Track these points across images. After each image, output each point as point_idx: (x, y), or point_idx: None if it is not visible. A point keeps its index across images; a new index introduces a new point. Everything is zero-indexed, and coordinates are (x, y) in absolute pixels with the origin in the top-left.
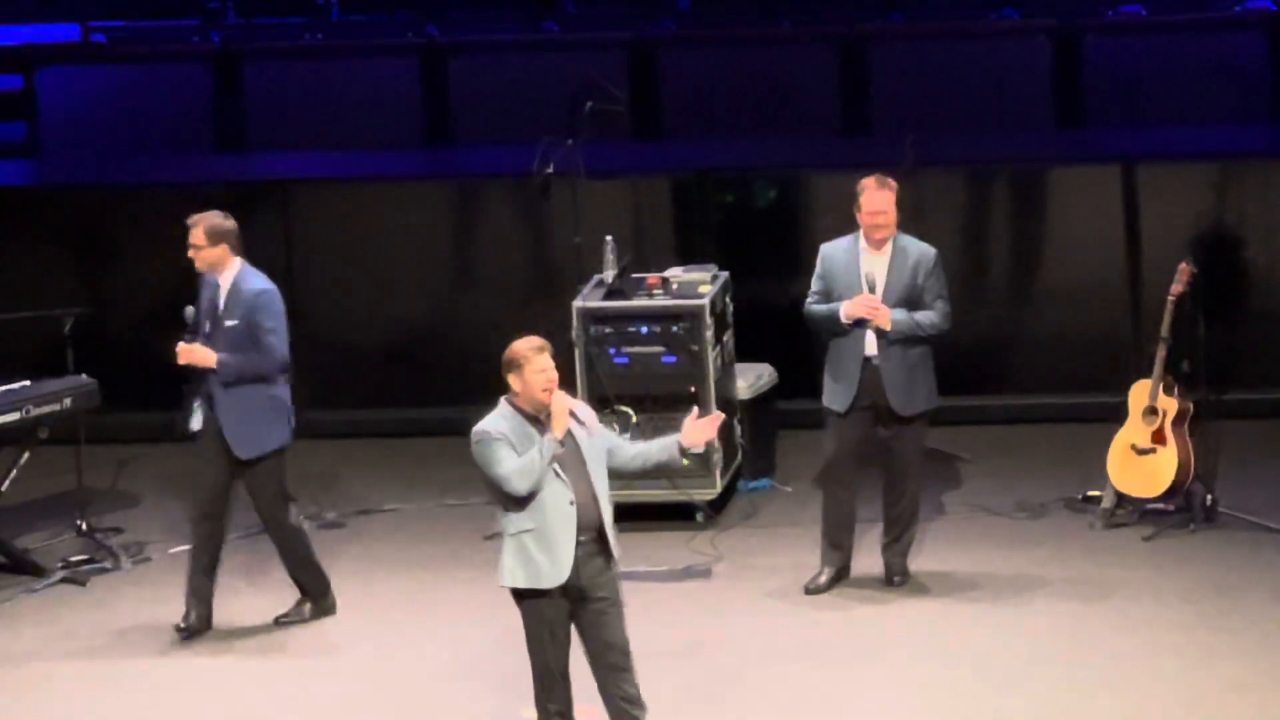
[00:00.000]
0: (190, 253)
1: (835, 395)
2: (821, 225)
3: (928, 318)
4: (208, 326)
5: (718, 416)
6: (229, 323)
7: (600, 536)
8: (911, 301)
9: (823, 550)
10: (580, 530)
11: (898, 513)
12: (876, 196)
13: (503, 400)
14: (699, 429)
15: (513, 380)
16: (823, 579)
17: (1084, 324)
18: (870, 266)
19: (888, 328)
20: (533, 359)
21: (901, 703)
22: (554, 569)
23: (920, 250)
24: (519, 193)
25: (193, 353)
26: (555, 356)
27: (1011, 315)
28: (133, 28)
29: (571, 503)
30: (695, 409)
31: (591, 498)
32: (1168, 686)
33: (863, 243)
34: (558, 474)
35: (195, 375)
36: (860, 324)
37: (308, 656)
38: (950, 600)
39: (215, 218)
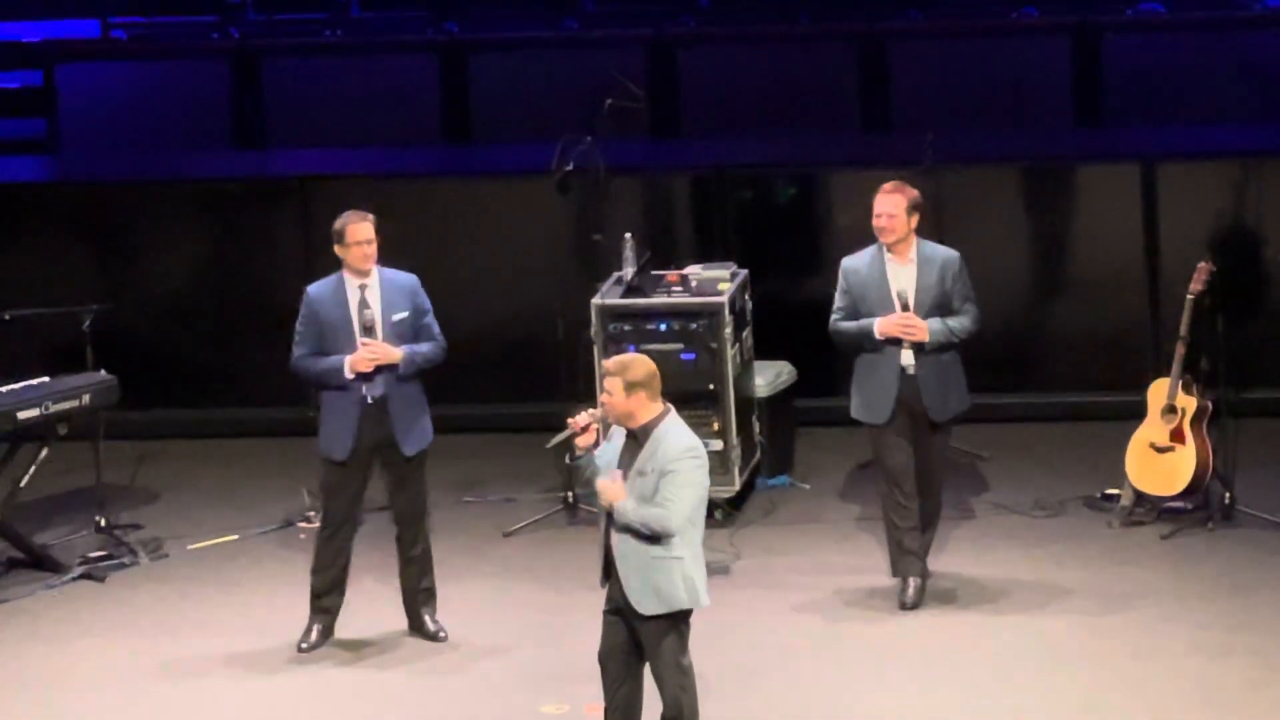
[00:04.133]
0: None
1: (872, 408)
2: (841, 223)
3: (960, 323)
4: None
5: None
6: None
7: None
8: (942, 307)
9: (897, 563)
10: (605, 543)
11: (923, 514)
12: (882, 199)
13: None
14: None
15: None
16: (911, 591)
17: (1103, 322)
18: (898, 280)
19: (927, 340)
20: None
21: (919, 700)
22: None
23: (944, 256)
24: (538, 190)
25: None
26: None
27: (1030, 313)
28: (152, 24)
29: (604, 513)
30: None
31: (609, 520)
32: (1186, 684)
33: (887, 254)
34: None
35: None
36: (894, 339)
37: (324, 650)
38: (968, 598)
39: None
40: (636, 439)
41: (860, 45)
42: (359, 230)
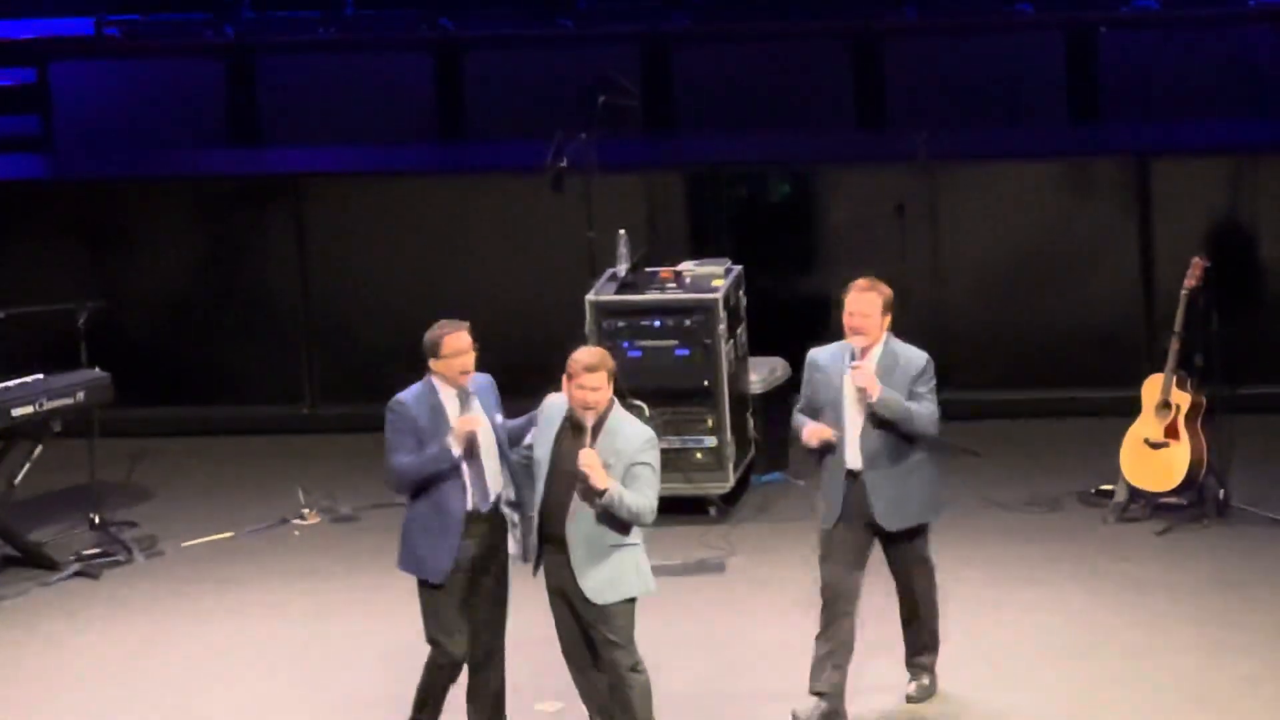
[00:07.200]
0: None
1: (822, 511)
2: (835, 219)
3: (918, 407)
4: None
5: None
6: None
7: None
8: None
9: (815, 668)
10: (540, 537)
11: (916, 641)
12: (856, 296)
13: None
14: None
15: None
16: (809, 709)
17: (1097, 318)
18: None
19: (875, 397)
20: (578, 375)
21: None
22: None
23: (909, 355)
24: (532, 187)
25: None
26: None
27: (1024, 309)
28: (147, 22)
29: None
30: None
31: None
32: (1180, 681)
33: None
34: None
35: None
36: (829, 448)
37: (320, 648)
38: (961, 594)
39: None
40: (580, 429)
41: (855, 42)
42: (456, 340)
